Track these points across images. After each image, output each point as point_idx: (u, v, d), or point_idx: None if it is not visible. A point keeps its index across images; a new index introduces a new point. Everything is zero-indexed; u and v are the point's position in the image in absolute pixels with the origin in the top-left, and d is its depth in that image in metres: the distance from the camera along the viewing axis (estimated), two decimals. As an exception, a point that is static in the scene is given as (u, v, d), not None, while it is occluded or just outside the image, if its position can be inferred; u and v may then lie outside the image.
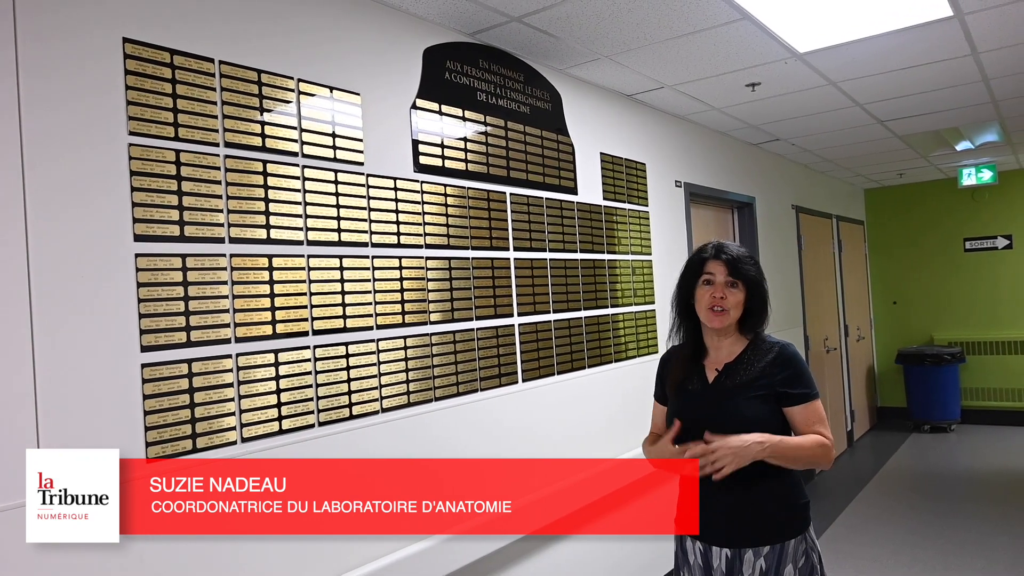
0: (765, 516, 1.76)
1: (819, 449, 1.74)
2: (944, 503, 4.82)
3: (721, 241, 1.88)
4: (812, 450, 1.73)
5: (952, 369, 6.77)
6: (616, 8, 2.50)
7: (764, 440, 1.68)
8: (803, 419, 1.77)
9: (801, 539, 1.76)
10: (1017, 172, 6.90)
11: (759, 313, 1.84)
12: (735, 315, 1.81)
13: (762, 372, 1.78)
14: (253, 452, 1.84)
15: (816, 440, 1.74)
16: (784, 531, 1.76)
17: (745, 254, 1.85)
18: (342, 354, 2.08)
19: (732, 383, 1.80)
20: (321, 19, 2.11)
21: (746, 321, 1.84)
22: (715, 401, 1.81)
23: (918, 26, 2.90)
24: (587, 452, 3.06)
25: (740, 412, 1.76)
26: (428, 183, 2.41)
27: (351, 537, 1.95)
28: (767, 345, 1.83)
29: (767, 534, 1.75)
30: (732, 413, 1.78)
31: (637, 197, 3.60)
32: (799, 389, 1.78)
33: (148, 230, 1.68)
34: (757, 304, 1.83)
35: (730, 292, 1.80)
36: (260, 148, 1.92)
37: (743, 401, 1.77)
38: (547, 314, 2.91)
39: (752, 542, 1.76)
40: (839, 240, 6.75)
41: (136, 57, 1.67)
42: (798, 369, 1.80)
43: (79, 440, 1.52)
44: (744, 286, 1.80)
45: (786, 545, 1.74)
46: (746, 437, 1.68)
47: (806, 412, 1.78)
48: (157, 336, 1.68)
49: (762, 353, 1.81)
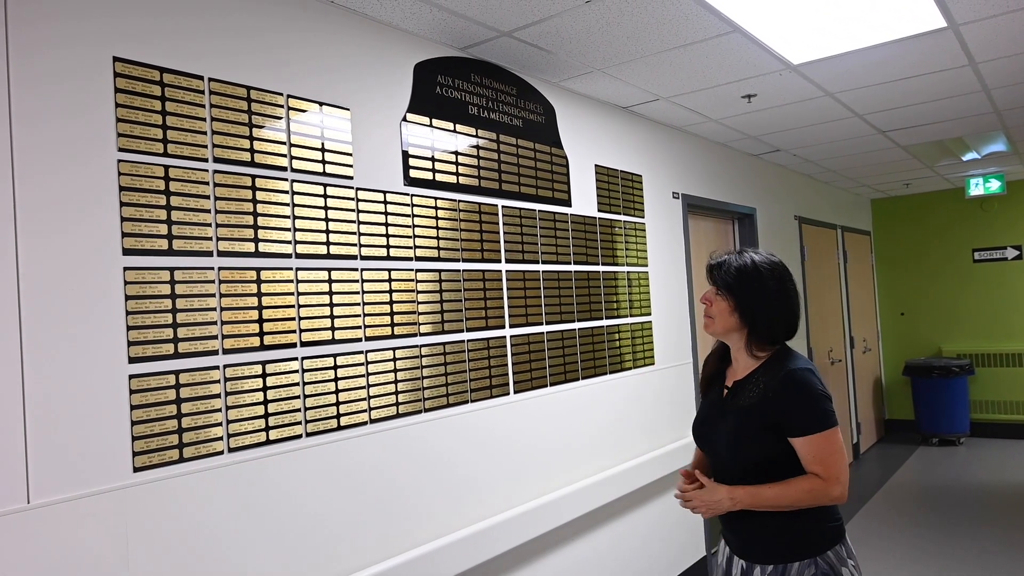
0: (768, 536, 1.74)
1: (806, 495, 1.66)
2: (949, 518, 4.76)
3: (735, 250, 1.85)
4: (796, 495, 1.66)
5: (961, 381, 6.70)
6: (605, 22, 2.52)
7: (735, 496, 1.72)
8: (803, 454, 1.68)
9: (810, 563, 1.68)
10: (1026, 182, 6.85)
11: (766, 324, 1.76)
12: (720, 324, 1.81)
13: (764, 396, 1.71)
14: (240, 462, 1.87)
15: (802, 487, 1.66)
16: (787, 552, 1.71)
17: (731, 263, 1.79)
18: (330, 365, 2.10)
19: (736, 403, 1.78)
20: (311, 36, 2.15)
21: (756, 333, 1.77)
22: (719, 418, 1.81)
23: (912, 37, 2.90)
24: (581, 464, 3.06)
25: (735, 437, 1.75)
26: (418, 196, 2.44)
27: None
28: (779, 367, 1.73)
29: (769, 553, 1.74)
30: (728, 436, 1.77)
31: (633, 209, 3.61)
32: (798, 421, 1.67)
33: (137, 244, 1.71)
34: (755, 314, 1.76)
35: (716, 300, 1.81)
36: (249, 163, 1.95)
37: (741, 425, 1.74)
38: (540, 326, 2.93)
39: (758, 558, 1.76)
40: (844, 251, 6.72)
41: (126, 75, 1.71)
42: (801, 398, 1.68)
43: (67, 449, 1.55)
44: (729, 295, 1.78)
45: (789, 567, 1.69)
46: (719, 491, 1.74)
47: (806, 447, 1.67)
48: (145, 348, 1.71)
49: (770, 375, 1.73)
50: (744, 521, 1.77)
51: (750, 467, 1.73)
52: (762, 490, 1.69)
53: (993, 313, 7.03)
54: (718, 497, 1.73)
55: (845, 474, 1.68)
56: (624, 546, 3.30)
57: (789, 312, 1.79)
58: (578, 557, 2.99)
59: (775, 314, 1.77)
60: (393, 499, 2.25)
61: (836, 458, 1.67)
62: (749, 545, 1.78)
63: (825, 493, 1.66)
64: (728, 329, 1.81)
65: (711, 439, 1.84)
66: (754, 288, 1.76)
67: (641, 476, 3.33)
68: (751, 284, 1.77)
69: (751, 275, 1.77)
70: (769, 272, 1.78)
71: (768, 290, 1.76)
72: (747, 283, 1.77)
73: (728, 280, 1.78)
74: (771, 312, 1.77)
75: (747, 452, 1.73)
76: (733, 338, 1.82)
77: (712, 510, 1.75)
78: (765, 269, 1.78)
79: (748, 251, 1.82)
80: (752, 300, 1.76)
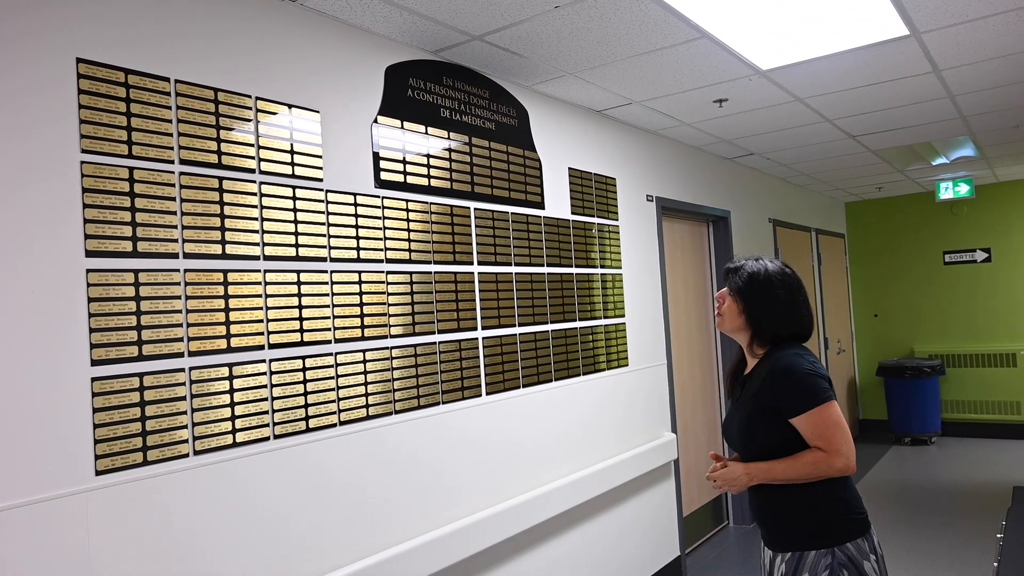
0: (783, 523, 1.84)
1: (811, 467, 1.76)
2: (921, 515, 4.85)
3: (752, 255, 2.00)
4: (804, 468, 1.77)
5: (932, 382, 6.81)
6: (576, 27, 2.55)
7: (750, 471, 1.85)
8: (805, 431, 1.79)
9: (827, 552, 1.75)
10: (994, 186, 7.00)
11: (771, 325, 1.89)
12: (730, 322, 1.95)
13: (761, 387, 1.85)
14: (206, 464, 1.86)
15: (807, 459, 1.77)
16: (803, 541, 1.79)
17: (746, 269, 1.94)
18: (298, 367, 2.11)
19: (745, 396, 1.92)
20: (281, 39, 2.16)
21: (761, 333, 1.91)
22: (735, 413, 1.96)
23: (877, 44, 2.96)
24: (554, 465, 3.08)
25: (743, 424, 1.89)
26: (389, 199, 2.45)
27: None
28: (772, 358, 1.87)
29: (786, 540, 1.83)
30: (738, 424, 1.91)
31: (607, 211, 3.65)
32: (791, 402, 1.79)
33: (100, 246, 1.71)
34: (761, 315, 1.90)
35: (727, 299, 1.96)
36: (216, 165, 1.95)
37: (748, 413, 1.88)
38: (512, 327, 2.94)
39: (779, 546, 1.86)
40: (818, 253, 6.81)
41: (90, 77, 1.71)
42: (788, 380, 1.80)
43: (27, 452, 1.54)
44: (739, 298, 1.93)
45: (805, 555, 1.77)
46: (737, 468, 1.87)
47: (804, 425, 1.78)
48: (108, 350, 1.70)
49: (765, 366, 1.87)
50: (766, 509, 1.89)
51: (764, 453, 1.85)
52: (774, 465, 1.81)
53: (963, 314, 7.17)
54: (736, 474, 1.87)
55: (847, 446, 1.76)
56: (598, 546, 3.32)
57: (796, 321, 1.91)
58: (553, 557, 3.01)
59: (780, 321, 1.90)
60: (363, 500, 2.26)
61: (834, 431, 1.76)
62: (771, 533, 1.89)
63: (829, 464, 1.76)
64: (735, 328, 1.96)
65: (729, 433, 1.99)
66: (763, 294, 1.91)
67: (615, 476, 3.36)
68: (760, 290, 1.91)
69: (762, 282, 1.91)
70: (780, 282, 1.91)
71: (776, 298, 1.90)
72: (757, 289, 1.92)
73: (740, 284, 1.94)
74: (776, 318, 1.90)
75: (754, 440, 1.87)
76: (740, 336, 1.97)
77: (732, 485, 1.89)
78: (776, 278, 1.91)
79: (765, 259, 1.96)
80: (759, 305, 1.91)
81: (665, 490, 3.95)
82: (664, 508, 3.93)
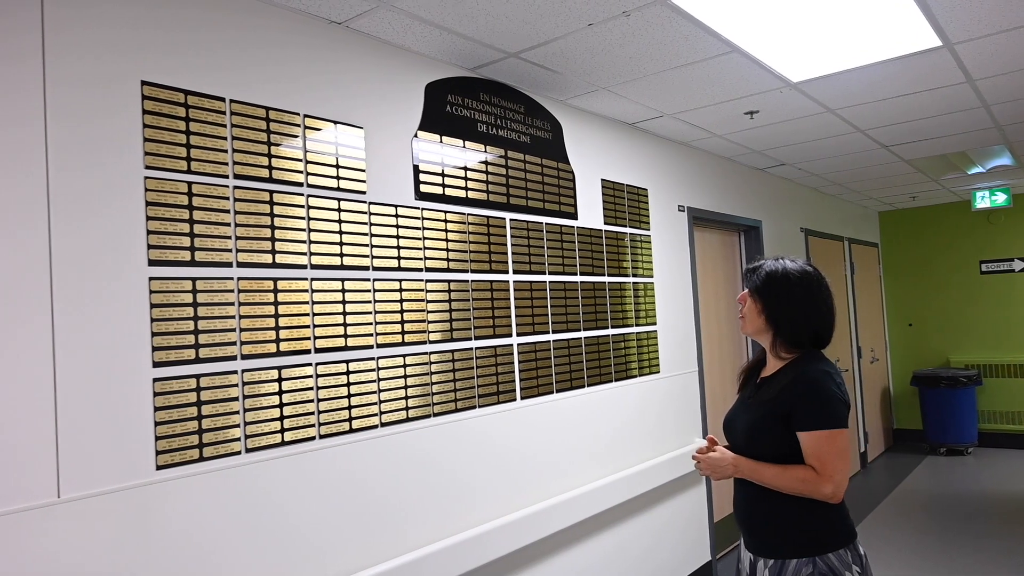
0: (766, 529, 1.84)
1: (798, 483, 1.75)
2: (956, 527, 4.79)
3: (780, 256, 1.97)
4: (789, 483, 1.76)
5: (968, 392, 6.71)
6: (608, 44, 2.62)
7: (739, 464, 1.85)
8: (805, 448, 1.76)
9: (808, 562, 1.74)
10: (1033, 194, 6.88)
11: (790, 328, 1.86)
12: (750, 324, 1.94)
13: (782, 391, 1.82)
14: (256, 462, 1.96)
15: (797, 475, 1.75)
16: (784, 549, 1.79)
17: (764, 268, 1.92)
18: (343, 371, 2.20)
19: (759, 399, 1.89)
20: (328, 59, 2.27)
21: (782, 337, 1.88)
22: (743, 413, 1.94)
23: (909, 56, 2.98)
24: (587, 469, 3.14)
25: (752, 425, 1.87)
26: (428, 210, 2.54)
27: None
28: (800, 366, 1.83)
29: (767, 547, 1.83)
30: (744, 423, 1.90)
31: (639, 222, 3.70)
32: (804, 415, 1.76)
33: (161, 256, 1.82)
34: (779, 317, 1.87)
35: (748, 301, 1.95)
36: (267, 179, 2.07)
37: (759, 416, 1.85)
38: (546, 334, 3.02)
39: (760, 551, 1.86)
40: (851, 262, 6.76)
41: (153, 98, 1.83)
42: (810, 394, 1.76)
43: (94, 447, 1.66)
44: (758, 298, 1.91)
45: (786, 563, 1.77)
46: (727, 457, 1.88)
47: (808, 442, 1.76)
48: (168, 353, 1.81)
49: (791, 372, 1.83)
50: (750, 514, 1.89)
51: (767, 458, 1.83)
52: (763, 467, 1.81)
53: (1001, 324, 7.05)
54: (724, 462, 1.88)
55: (841, 475, 1.74)
56: (629, 550, 3.37)
57: (817, 321, 1.87)
58: (583, 561, 3.07)
59: (799, 320, 1.86)
60: (401, 500, 2.34)
61: (834, 458, 1.74)
62: (754, 538, 1.88)
63: (816, 488, 1.74)
64: (757, 329, 1.93)
65: (733, 429, 1.98)
66: (780, 293, 1.88)
67: (647, 481, 3.41)
68: (778, 289, 1.89)
69: (779, 281, 1.89)
70: (798, 280, 1.88)
71: (794, 297, 1.86)
72: (774, 288, 1.89)
73: (757, 283, 1.92)
74: (795, 318, 1.86)
75: (761, 444, 1.85)
76: (763, 338, 1.95)
77: (715, 472, 1.90)
78: (794, 277, 1.88)
79: (785, 259, 1.94)
80: (778, 305, 1.88)
81: (696, 495, 3.98)
82: (695, 513, 3.96)
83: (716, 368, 4.56)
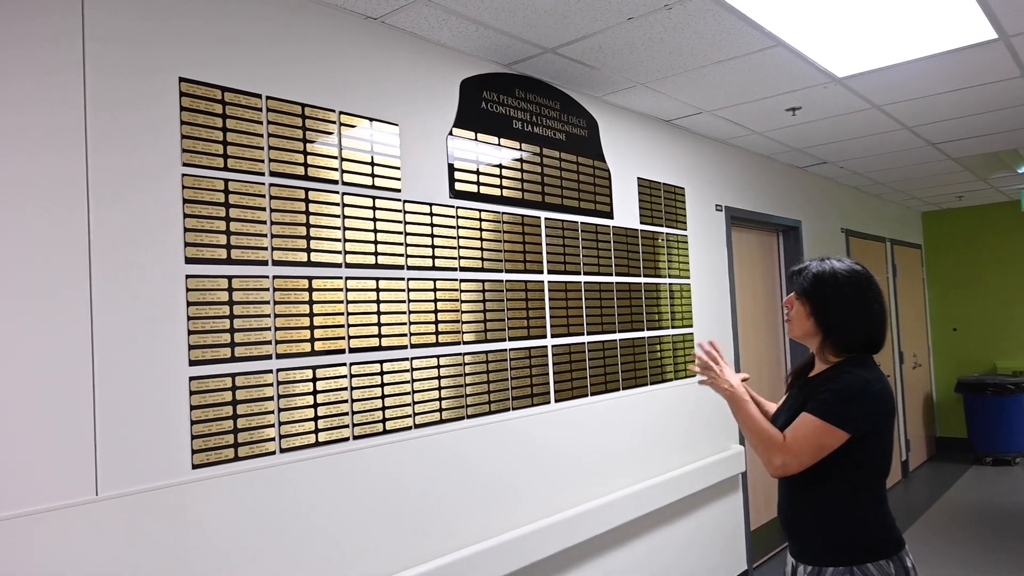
0: (804, 534, 1.80)
1: (758, 440, 1.77)
2: (1002, 540, 4.60)
3: (826, 256, 1.90)
4: (757, 432, 1.78)
5: (1016, 399, 6.47)
6: (648, 38, 2.56)
7: (731, 387, 1.90)
8: (796, 423, 1.73)
9: (845, 571, 1.68)
10: (1087, 194, 6.61)
11: (840, 331, 1.78)
12: (798, 327, 1.86)
13: (817, 391, 1.77)
14: (291, 462, 1.95)
15: (767, 432, 1.76)
16: (820, 555, 1.74)
17: (811, 270, 1.84)
18: (377, 371, 2.18)
19: (803, 395, 1.83)
20: (363, 55, 2.25)
21: (831, 340, 1.80)
22: (786, 407, 1.90)
23: (961, 49, 2.87)
24: (620, 474, 3.08)
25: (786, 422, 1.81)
26: (463, 208, 2.51)
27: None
28: (845, 370, 1.76)
29: (805, 552, 1.78)
30: (783, 421, 1.84)
31: (676, 221, 3.63)
32: (816, 400, 1.72)
33: (198, 253, 1.81)
34: (829, 320, 1.79)
35: (795, 304, 1.87)
36: (303, 177, 2.05)
37: (795, 414, 1.79)
38: (581, 336, 2.96)
39: (800, 556, 1.81)
40: (893, 264, 6.57)
41: (190, 95, 1.82)
42: (836, 388, 1.71)
43: (132, 446, 1.65)
44: (806, 300, 1.83)
45: (824, 571, 1.71)
46: (731, 377, 1.92)
47: (800, 420, 1.72)
48: (204, 351, 1.80)
49: (834, 375, 1.77)
50: (791, 517, 1.84)
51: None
52: (748, 407, 1.84)
53: (1052, 330, 6.79)
54: (725, 376, 1.92)
55: (797, 461, 1.70)
56: (663, 557, 3.29)
57: (868, 322, 1.79)
58: (617, 567, 3.00)
59: (850, 322, 1.78)
60: (433, 503, 2.31)
61: (804, 443, 1.70)
62: (794, 542, 1.84)
63: (770, 452, 1.74)
64: (805, 333, 1.86)
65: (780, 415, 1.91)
66: (829, 294, 1.79)
67: (681, 488, 3.33)
68: (827, 290, 1.80)
69: (828, 281, 1.80)
70: (847, 279, 1.79)
71: (843, 298, 1.78)
72: (823, 289, 1.81)
73: (805, 285, 1.84)
74: (845, 319, 1.78)
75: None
76: (811, 342, 1.87)
77: (712, 380, 1.94)
78: (843, 276, 1.79)
79: (832, 258, 1.86)
80: (827, 307, 1.80)
81: (732, 503, 3.89)
82: (731, 521, 3.86)
83: (753, 372, 4.45)
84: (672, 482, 3.28)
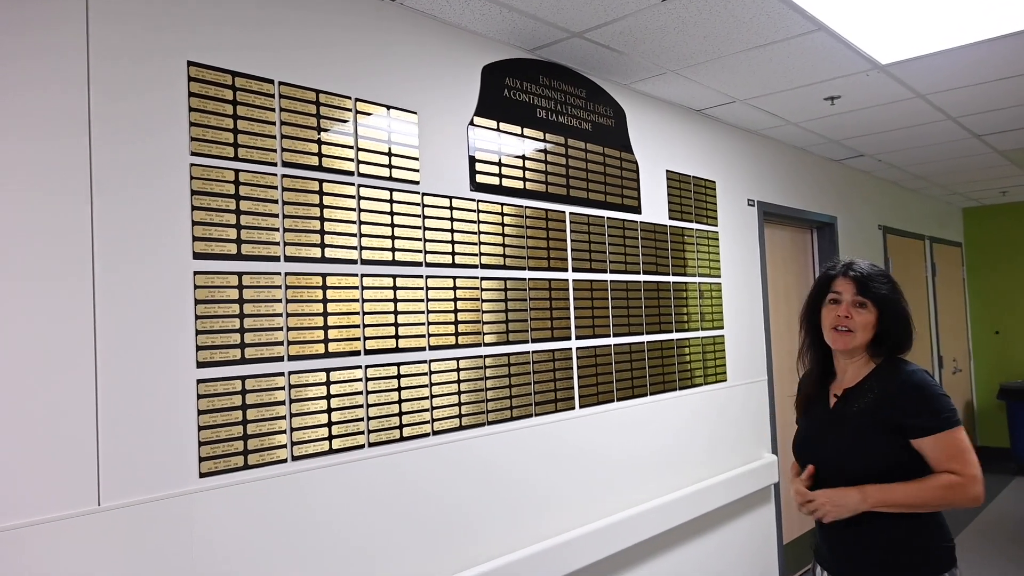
0: (865, 554, 1.69)
1: (942, 491, 1.59)
2: (1053, 553, 4.38)
3: (852, 259, 1.83)
4: (932, 494, 1.60)
5: (1063, 405, 6.20)
6: (681, 22, 2.42)
7: (866, 493, 1.64)
8: (933, 455, 1.62)
9: None
10: None
11: (897, 336, 1.74)
12: (862, 337, 1.74)
13: (882, 399, 1.67)
14: (302, 471, 1.84)
15: (939, 483, 1.60)
16: (896, 571, 1.66)
17: (878, 272, 1.78)
18: (394, 375, 2.06)
19: (850, 410, 1.72)
20: (380, 39, 2.13)
21: (880, 344, 1.74)
22: (830, 430, 1.75)
23: (1014, 35, 2.68)
24: (646, 485, 2.93)
25: (853, 443, 1.69)
26: (485, 202, 2.39)
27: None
28: (895, 371, 1.70)
29: (865, 572, 1.69)
30: (844, 444, 1.71)
31: (706, 216, 3.47)
32: (921, 420, 1.62)
33: (207, 248, 1.71)
34: (893, 326, 1.73)
35: (857, 312, 1.74)
36: (317, 167, 1.94)
37: (859, 431, 1.68)
38: (607, 338, 2.82)
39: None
40: (932, 263, 6.33)
41: (199, 80, 1.72)
42: (922, 398, 1.63)
43: (136, 453, 1.56)
44: (874, 306, 1.73)
45: None
46: (847, 490, 1.66)
47: (935, 446, 1.61)
48: (213, 352, 1.70)
49: (887, 379, 1.69)
50: (839, 534, 1.71)
51: (873, 473, 1.65)
52: (894, 488, 1.62)
53: (1100, 332, 6.49)
54: (848, 497, 1.65)
55: (981, 474, 1.61)
56: (691, 570, 3.14)
57: (911, 325, 1.78)
58: (645, 580, 2.86)
59: (908, 325, 1.75)
60: (452, 514, 2.19)
61: (969, 456, 1.61)
62: (845, 561, 1.72)
63: (964, 491, 1.59)
64: (863, 342, 1.75)
65: (818, 452, 1.78)
66: (897, 300, 1.76)
67: (710, 499, 3.17)
68: (898, 296, 1.76)
69: (897, 288, 1.78)
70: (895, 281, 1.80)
71: (904, 303, 1.76)
72: (896, 296, 1.76)
73: (882, 291, 1.74)
74: (905, 325, 1.75)
75: (869, 459, 1.67)
76: (855, 351, 1.77)
77: (840, 508, 1.66)
78: (895, 281, 1.79)
79: (866, 262, 1.80)
80: (894, 312, 1.74)
81: (764, 515, 3.72)
82: (763, 534, 3.70)
83: (787, 377, 4.26)
84: (705, 492, 3.13)
